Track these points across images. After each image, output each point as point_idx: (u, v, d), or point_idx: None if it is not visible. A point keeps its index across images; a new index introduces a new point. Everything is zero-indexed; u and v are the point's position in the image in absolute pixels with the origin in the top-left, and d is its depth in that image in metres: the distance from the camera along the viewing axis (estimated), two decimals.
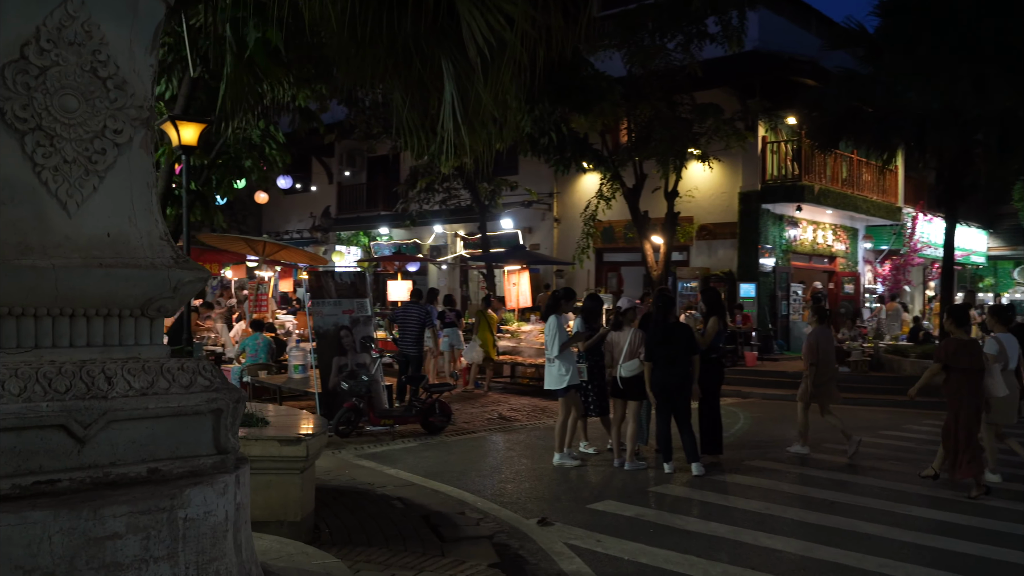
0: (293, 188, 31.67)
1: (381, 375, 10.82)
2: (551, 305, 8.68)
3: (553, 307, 8.63)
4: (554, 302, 8.68)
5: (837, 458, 9.14)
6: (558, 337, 8.41)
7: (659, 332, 8.24)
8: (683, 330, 8.45)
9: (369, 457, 8.91)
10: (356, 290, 10.91)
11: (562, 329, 8.47)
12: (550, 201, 24.29)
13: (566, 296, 8.75)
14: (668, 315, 8.42)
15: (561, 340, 8.42)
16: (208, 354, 14.79)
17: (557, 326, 8.44)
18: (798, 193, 19.36)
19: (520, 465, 8.62)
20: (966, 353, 7.41)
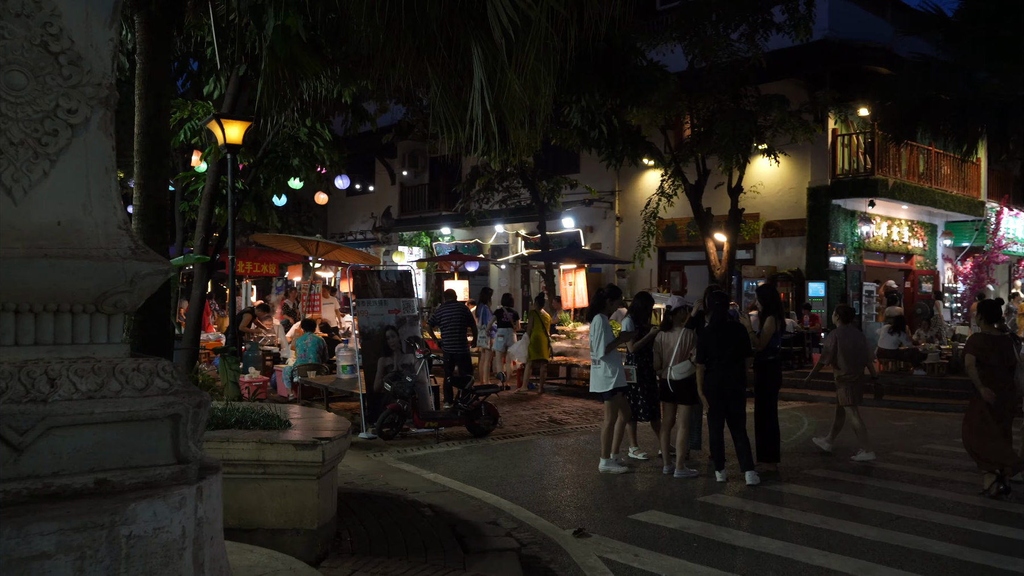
0: (356, 189, 31.92)
1: (427, 376, 10.58)
2: (596, 304, 8.30)
3: (598, 306, 8.25)
4: (599, 301, 8.30)
5: (907, 467, 8.51)
6: (603, 337, 8.03)
7: (713, 333, 7.78)
8: (738, 330, 7.97)
9: (410, 460, 8.67)
10: (402, 289, 10.71)
11: (607, 329, 8.08)
12: (612, 199, 23.81)
13: (611, 295, 8.36)
14: (723, 315, 7.95)
15: (607, 341, 8.03)
16: (265, 354, 14.86)
17: (602, 326, 8.06)
18: (871, 188, 18.48)
19: (564, 471, 8.26)
20: (995, 349, 7.26)
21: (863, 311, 19.68)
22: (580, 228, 24.21)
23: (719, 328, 7.81)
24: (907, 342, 15.53)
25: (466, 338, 12.37)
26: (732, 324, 8.12)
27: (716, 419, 7.82)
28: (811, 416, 12.39)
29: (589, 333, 8.27)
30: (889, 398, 13.84)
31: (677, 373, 7.91)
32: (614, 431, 8.29)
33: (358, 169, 32.23)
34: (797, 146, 18.72)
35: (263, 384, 12.31)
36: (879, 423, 11.64)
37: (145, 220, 5.56)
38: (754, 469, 7.70)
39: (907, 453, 9.41)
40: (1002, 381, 7.24)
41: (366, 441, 9.63)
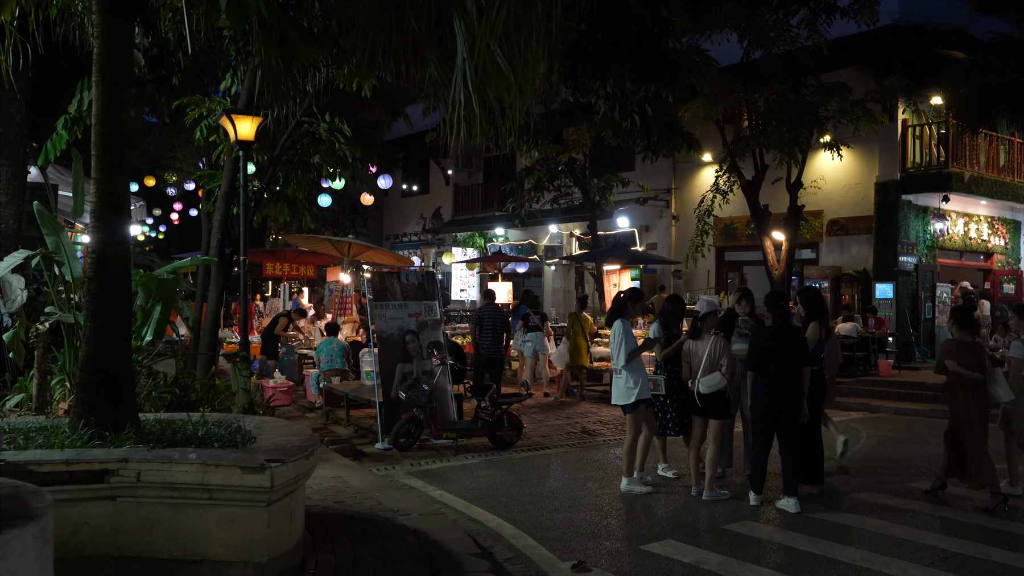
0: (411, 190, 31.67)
1: (449, 383, 10.01)
2: (615, 308, 7.59)
3: (618, 310, 7.54)
4: (619, 305, 7.58)
5: (968, 491, 7.56)
6: (624, 344, 7.32)
7: (774, 339, 6.96)
8: (799, 336, 7.14)
9: (421, 475, 8.10)
10: (424, 292, 10.16)
11: (628, 335, 7.37)
12: (668, 198, 22.92)
13: (632, 298, 7.63)
14: (786, 319, 7.11)
15: (628, 348, 7.32)
16: (302, 358, 14.55)
17: (623, 332, 7.35)
18: (944, 182, 17.21)
19: (583, 490, 7.57)
20: (968, 355, 7.06)
21: (935, 314, 18.38)
22: (635, 228, 23.40)
23: (781, 335, 6.99)
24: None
25: (501, 342, 11.84)
26: (795, 330, 7.24)
27: (763, 440, 7.01)
28: (872, 429, 11.39)
29: (610, 340, 7.57)
30: None
31: (705, 386, 7.14)
32: (638, 447, 7.58)
33: (412, 171, 32.04)
34: (863, 139, 17.56)
35: (288, 390, 11.93)
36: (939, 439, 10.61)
37: (102, 218, 5.11)
38: (797, 496, 6.87)
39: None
40: (975, 388, 7.13)
41: (382, 452, 9.12)
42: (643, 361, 7.57)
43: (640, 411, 7.42)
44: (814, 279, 18.74)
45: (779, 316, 7.01)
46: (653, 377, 7.67)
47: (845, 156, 18.05)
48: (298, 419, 10.87)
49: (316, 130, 10.25)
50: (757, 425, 7.03)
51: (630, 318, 7.58)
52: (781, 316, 7.02)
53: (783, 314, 7.03)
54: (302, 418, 10.97)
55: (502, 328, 11.94)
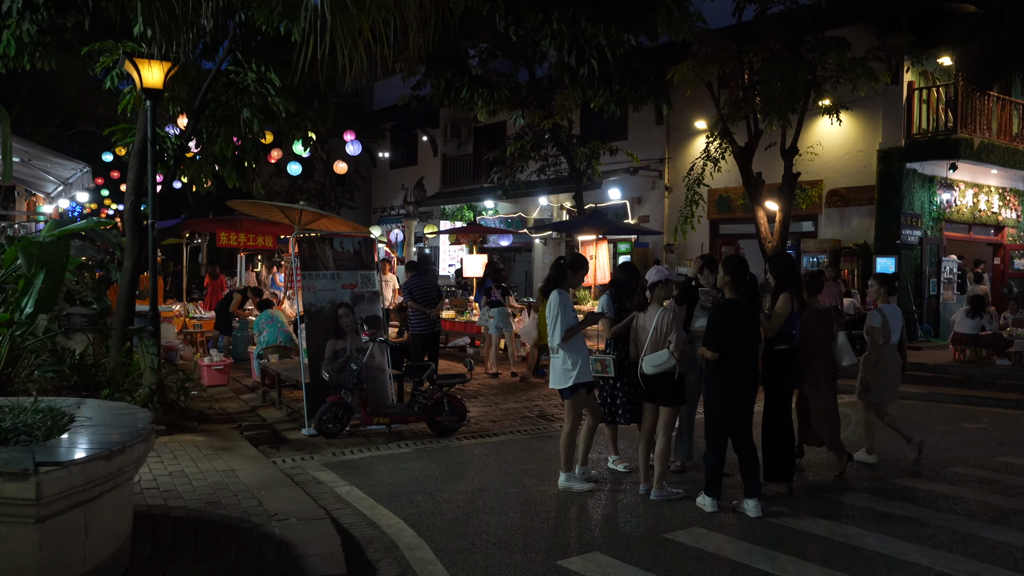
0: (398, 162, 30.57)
1: (387, 363, 9.01)
2: (553, 277, 6.53)
3: (556, 280, 6.49)
4: (557, 273, 6.51)
5: (967, 490, 6.51)
6: (560, 319, 6.28)
7: (736, 314, 5.91)
8: (755, 313, 6.08)
9: (337, 467, 7.12)
10: (361, 260, 9.13)
11: (567, 309, 6.32)
12: (660, 168, 21.75)
13: (573, 265, 6.55)
14: (752, 291, 6.04)
15: (564, 324, 6.28)
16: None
17: (559, 305, 6.31)
18: (952, 148, 15.99)
19: (516, 487, 6.55)
20: (816, 321, 6.92)
21: (940, 290, 17.24)
22: (627, 199, 22.28)
23: (745, 310, 5.93)
24: (990, 326, 13.20)
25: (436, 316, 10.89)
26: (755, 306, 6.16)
27: (721, 432, 5.96)
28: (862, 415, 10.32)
29: (545, 314, 6.52)
30: (963, 393, 11.68)
31: (649, 366, 6.10)
32: (579, 438, 6.56)
33: (401, 141, 30.93)
34: (865, 103, 16.39)
35: (225, 368, 10.95)
36: (944, 425, 9.57)
37: None
38: (759, 497, 5.85)
39: (971, 469, 7.37)
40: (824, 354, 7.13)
41: (306, 439, 8.14)
42: (584, 339, 6.53)
43: (580, 396, 6.39)
44: (811, 253, 17.61)
45: (743, 289, 5.95)
46: (600, 357, 6.62)
47: (846, 122, 16.85)
48: (226, 401, 9.90)
49: (242, 80, 9.17)
50: (714, 417, 5.98)
51: (571, 288, 6.52)
52: (746, 289, 5.96)
53: (749, 287, 5.97)
54: (232, 400, 9.99)
55: (435, 299, 10.88)
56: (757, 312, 6.05)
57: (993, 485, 6.78)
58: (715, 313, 5.96)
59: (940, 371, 12.73)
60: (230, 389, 10.86)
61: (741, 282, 5.89)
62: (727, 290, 5.96)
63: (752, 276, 6.04)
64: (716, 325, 5.90)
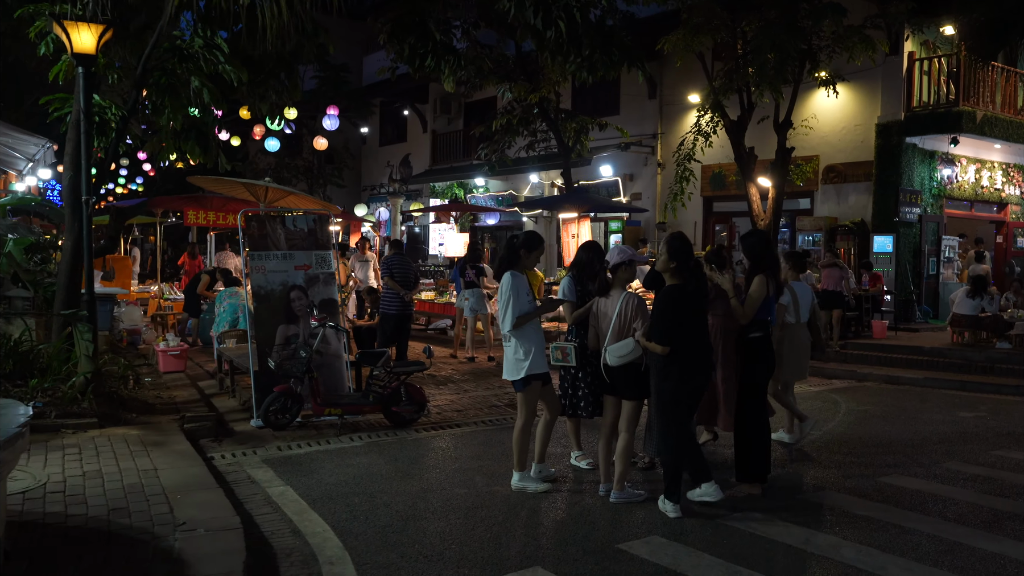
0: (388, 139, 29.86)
1: (344, 349, 8.46)
2: (505, 258, 5.93)
3: (508, 261, 5.89)
4: (509, 254, 5.92)
5: (959, 491, 5.96)
6: (511, 304, 5.71)
7: (681, 301, 5.35)
8: (702, 299, 5.53)
9: (278, 463, 6.58)
10: (315, 239, 8.56)
11: (520, 292, 5.75)
12: (653, 143, 21.09)
13: (527, 244, 5.94)
14: (699, 276, 5.47)
15: (517, 309, 5.71)
16: None
17: (511, 288, 5.74)
18: (953, 122, 15.31)
19: (465, 487, 6.01)
20: (720, 299, 6.24)
21: (940, 269, 16.63)
22: (619, 176, 21.64)
23: (698, 296, 5.38)
24: (991, 307, 12.62)
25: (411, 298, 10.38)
26: (704, 291, 5.62)
27: (677, 428, 5.41)
28: (853, 401, 9.78)
29: (497, 298, 5.94)
30: (961, 379, 11.12)
31: (613, 356, 5.54)
32: (537, 434, 6.02)
33: (390, 118, 30.21)
34: (864, 75, 15.77)
35: (181, 353, 10.42)
36: (939, 414, 9.00)
37: None
38: (677, 502, 5.32)
39: (964, 464, 6.81)
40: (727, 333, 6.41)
41: (254, 431, 7.62)
42: (540, 326, 5.97)
43: (534, 389, 5.84)
44: (806, 231, 17.01)
45: (689, 273, 5.36)
46: (561, 344, 6.05)
47: (844, 94, 16.20)
48: (179, 389, 9.37)
49: (188, 47, 8.56)
50: (667, 413, 5.41)
51: (525, 269, 5.94)
52: (691, 273, 5.37)
53: (695, 271, 5.38)
54: (186, 388, 9.47)
55: (413, 282, 10.38)
56: (705, 299, 5.49)
57: (987, 484, 6.23)
58: (661, 302, 5.36)
59: (937, 355, 12.17)
60: (188, 375, 10.34)
61: (686, 266, 5.31)
62: (670, 275, 5.37)
63: (697, 260, 5.48)
64: (663, 315, 5.30)
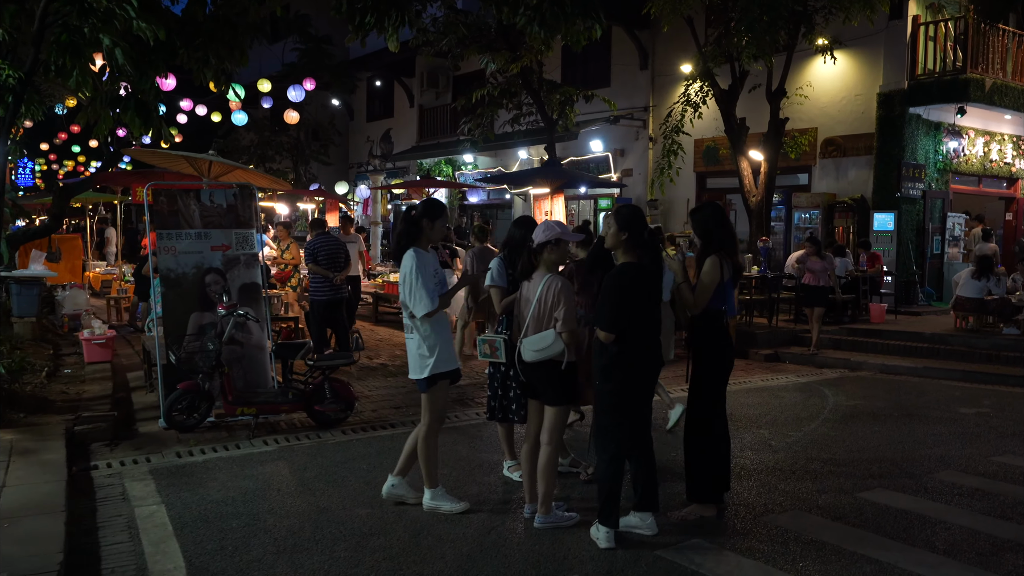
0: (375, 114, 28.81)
1: (267, 338, 7.57)
2: (405, 232, 4.96)
3: (409, 235, 4.94)
4: (409, 226, 4.95)
5: (951, 508, 5.05)
6: (415, 288, 4.79)
7: (637, 281, 4.44)
8: (658, 280, 4.62)
9: (165, 474, 5.72)
10: (236, 217, 7.65)
11: (424, 272, 4.83)
12: (645, 117, 20.06)
13: (429, 213, 4.94)
14: (652, 253, 4.56)
15: (429, 291, 4.78)
16: None
17: (415, 268, 4.81)
18: (960, 90, 14.28)
19: (370, 506, 5.13)
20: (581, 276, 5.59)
21: (945, 248, 15.64)
22: (609, 151, 20.65)
23: (647, 277, 4.47)
24: (997, 289, 11.65)
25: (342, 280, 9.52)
26: (656, 272, 4.72)
27: (619, 439, 4.52)
28: (843, 394, 8.86)
29: (399, 281, 5.02)
30: (964, 368, 10.18)
31: (529, 350, 4.64)
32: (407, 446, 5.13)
33: (376, 92, 29.16)
34: (865, 40, 14.75)
35: (107, 342, 9.55)
36: (937, 410, 8.07)
37: None
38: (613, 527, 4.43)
39: (961, 475, 5.89)
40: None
41: (159, 432, 6.76)
42: (447, 316, 5.06)
43: (441, 389, 4.94)
44: (803, 208, 16.01)
45: (643, 248, 4.45)
46: (489, 337, 5.14)
47: (844, 62, 15.19)
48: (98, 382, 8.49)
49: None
50: (607, 420, 4.51)
51: (427, 245, 5.00)
52: (646, 249, 4.46)
53: (649, 246, 4.47)
54: (106, 380, 8.59)
55: (343, 263, 9.49)
56: (660, 279, 4.58)
57: (986, 501, 5.31)
58: (611, 281, 4.45)
59: (938, 341, 11.21)
60: (120, 365, 9.50)
61: (639, 240, 4.40)
62: (622, 251, 4.46)
63: (652, 232, 4.55)
64: (613, 297, 4.40)
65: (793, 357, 11.29)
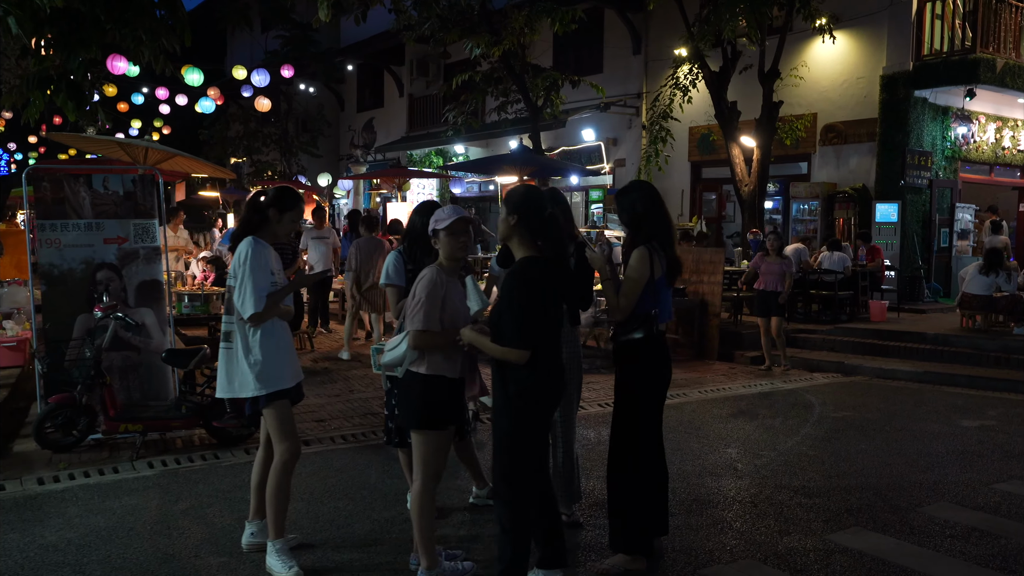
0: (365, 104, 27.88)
1: (169, 341, 6.68)
2: (247, 219, 4.02)
3: (250, 223, 4.00)
4: (253, 214, 4.01)
5: (935, 554, 4.10)
6: (245, 282, 3.88)
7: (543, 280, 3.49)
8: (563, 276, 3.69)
9: (9, 506, 4.84)
10: (135, 206, 6.75)
11: (262, 267, 3.91)
12: (638, 104, 19.07)
13: (278, 203, 3.98)
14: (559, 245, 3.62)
15: (257, 291, 3.86)
16: None
17: (249, 261, 3.90)
18: (970, 71, 13.25)
19: (225, 553, 4.24)
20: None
21: (953, 241, 14.61)
22: (601, 140, 19.69)
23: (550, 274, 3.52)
24: (1007, 286, 10.65)
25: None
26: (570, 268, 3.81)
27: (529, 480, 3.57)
28: (830, 404, 7.89)
29: (229, 277, 4.08)
30: (969, 373, 9.19)
31: (386, 360, 3.75)
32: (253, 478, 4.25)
33: (367, 81, 28.24)
34: (868, 19, 13.88)
35: (19, 345, 8.69)
36: (935, 422, 7.10)
37: None
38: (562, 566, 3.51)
39: (956, 508, 4.93)
40: None
41: (36, 452, 5.89)
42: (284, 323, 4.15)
43: (280, 411, 4.04)
44: (801, 199, 15.02)
45: (544, 238, 3.52)
46: (380, 347, 4.21)
47: (845, 43, 14.21)
48: None
49: None
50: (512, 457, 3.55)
51: (275, 238, 4.08)
52: (548, 239, 3.53)
53: (549, 234, 3.53)
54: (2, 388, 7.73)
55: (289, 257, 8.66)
56: (566, 274, 3.65)
57: (984, 544, 4.36)
58: (512, 282, 3.50)
59: (942, 342, 10.22)
60: (27, 372, 8.63)
61: (534, 225, 3.47)
62: (516, 243, 3.53)
63: (552, 215, 3.60)
64: (519, 300, 3.45)
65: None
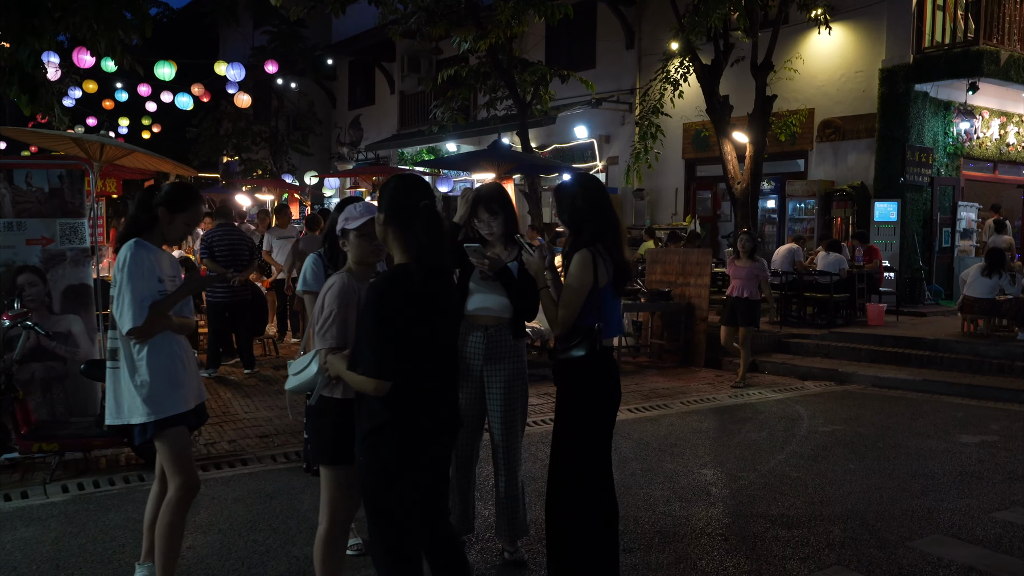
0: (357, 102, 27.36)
1: (90, 353, 6.15)
2: (135, 218, 3.49)
3: (136, 224, 3.47)
4: (142, 212, 3.47)
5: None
6: (124, 291, 3.35)
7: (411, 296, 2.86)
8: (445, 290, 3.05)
9: None
10: (63, 204, 6.24)
11: (144, 274, 3.37)
12: (631, 100, 18.52)
13: (170, 203, 3.45)
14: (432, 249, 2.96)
15: (137, 301, 3.32)
16: None
17: (128, 267, 3.36)
18: (973, 63, 12.72)
19: None
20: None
21: (955, 242, 14.06)
22: (594, 138, 19.16)
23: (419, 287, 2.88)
24: (1011, 288, 10.10)
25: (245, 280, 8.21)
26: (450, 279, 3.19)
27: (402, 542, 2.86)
28: (820, 416, 7.35)
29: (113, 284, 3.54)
30: (969, 382, 8.64)
31: (290, 381, 3.23)
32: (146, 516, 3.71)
33: (359, 79, 27.72)
34: (866, 11, 13.36)
35: None
36: (931, 438, 6.56)
37: None
38: None
39: (949, 544, 4.39)
40: None
41: None
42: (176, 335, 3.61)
43: (175, 438, 3.48)
44: (797, 197, 14.48)
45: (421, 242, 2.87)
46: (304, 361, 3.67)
47: (842, 35, 13.69)
48: None
49: None
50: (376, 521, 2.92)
51: (172, 241, 3.57)
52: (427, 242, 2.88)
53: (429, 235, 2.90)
54: None
55: (246, 258, 8.20)
56: (447, 286, 3.01)
57: None
58: (371, 296, 2.85)
59: (942, 348, 9.68)
60: None
61: (411, 228, 2.86)
62: (394, 247, 2.93)
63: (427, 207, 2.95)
64: (373, 321, 2.81)
65: (774, 367, 9.81)
